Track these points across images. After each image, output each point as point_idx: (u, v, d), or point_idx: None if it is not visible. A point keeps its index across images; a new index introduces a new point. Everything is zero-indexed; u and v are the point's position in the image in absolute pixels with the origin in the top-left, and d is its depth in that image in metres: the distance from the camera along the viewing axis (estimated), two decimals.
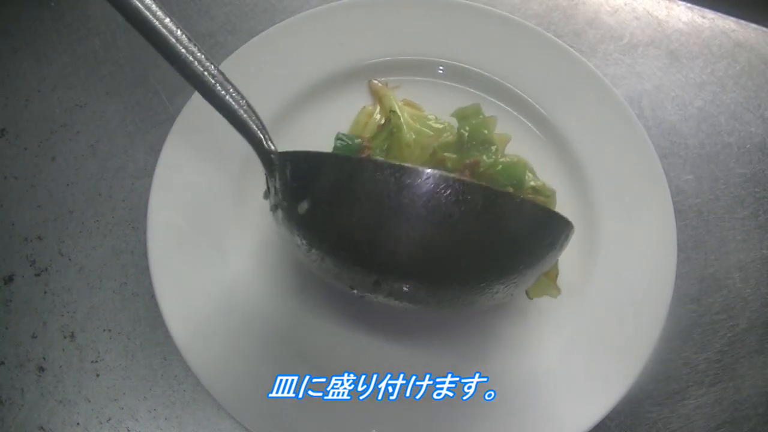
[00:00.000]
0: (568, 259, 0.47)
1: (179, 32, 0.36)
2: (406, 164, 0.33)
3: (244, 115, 0.38)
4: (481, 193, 0.33)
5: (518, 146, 0.49)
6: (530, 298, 0.45)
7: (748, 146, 0.55)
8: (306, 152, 0.36)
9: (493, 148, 0.45)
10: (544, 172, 0.48)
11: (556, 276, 0.45)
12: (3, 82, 0.54)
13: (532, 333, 0.45)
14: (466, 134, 0.45)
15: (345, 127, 0.50)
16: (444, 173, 0.33)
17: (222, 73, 0.37)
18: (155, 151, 0.47)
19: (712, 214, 0.52)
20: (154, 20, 0.35)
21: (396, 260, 0.34)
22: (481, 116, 0.46)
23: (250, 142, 0.38)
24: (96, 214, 0.51)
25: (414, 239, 0.33)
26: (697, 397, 0.47)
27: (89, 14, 0.57)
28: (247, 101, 0.38)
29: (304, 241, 0.36)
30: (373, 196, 0.33)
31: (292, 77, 0.50)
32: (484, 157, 0.45)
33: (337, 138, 0.47)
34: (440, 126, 0.48)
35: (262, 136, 0.38)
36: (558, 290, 0.45)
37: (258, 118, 0.38)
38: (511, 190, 0.44)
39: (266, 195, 0.40)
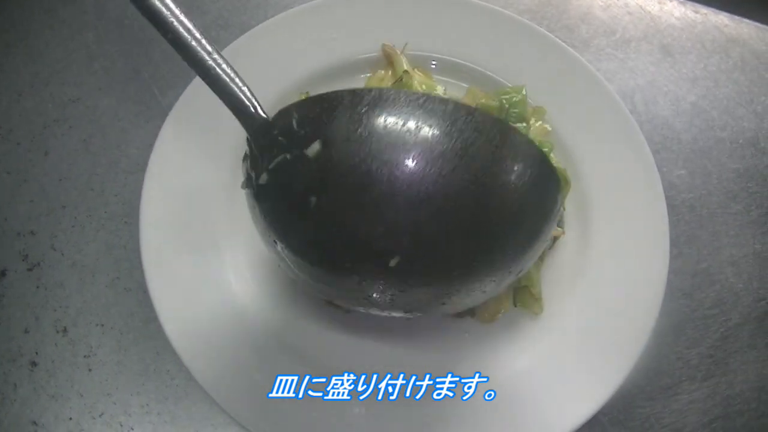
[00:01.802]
0: (562, 254, 0.47)
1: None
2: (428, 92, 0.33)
3: (228, 80, 0.36)
4: (498, 126, 0.33)
5: None
6: (515, 306, 0.45)
7: (740, 141, 0.55)
8: (317, 95, 0.34)
9: (524, 124, 0.48)
10: None
11: (540, 293, 0.45)
12: None
13: (526, 330, 0.45)
14: (507, 104, 0.49)
15: None
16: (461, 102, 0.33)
17: (209, 40, 0.35)
18: (148, 146, 0.47)
19: (704, 209, 0.52)
20: None
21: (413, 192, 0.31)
22: (523, 93, 0.49)
23: (236, 112, 0.36)
24: (89, 209, 0.51)
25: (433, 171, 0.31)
26: (689, 392, 0.47)
27: (82, 9, 0.57)
28: (233, 68, 0.36)
29: (312, 197, 0.33)
30: (391, 124, 0.31)
31: (285, 73, 0.50)
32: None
33: None
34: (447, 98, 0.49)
35: (250, 104, 0.36)
36: (541, 308, 0.45)
37: (249, 89, 0.36)
38: None
39: (246, 184, 0.37)
